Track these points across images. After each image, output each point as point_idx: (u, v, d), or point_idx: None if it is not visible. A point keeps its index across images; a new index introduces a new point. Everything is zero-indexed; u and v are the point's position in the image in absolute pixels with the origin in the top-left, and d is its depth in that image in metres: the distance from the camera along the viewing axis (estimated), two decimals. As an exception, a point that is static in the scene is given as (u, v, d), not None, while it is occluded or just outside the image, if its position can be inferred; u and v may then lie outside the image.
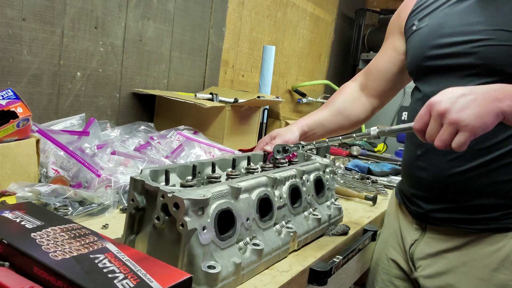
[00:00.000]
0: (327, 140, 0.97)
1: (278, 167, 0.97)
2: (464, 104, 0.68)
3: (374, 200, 1.31)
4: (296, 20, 2.72)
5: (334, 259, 0.90)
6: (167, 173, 0.74)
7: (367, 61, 3.26)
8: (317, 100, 2.93)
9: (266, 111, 2.07)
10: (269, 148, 1.01)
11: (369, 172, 1.72)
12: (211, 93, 1.71)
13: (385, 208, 1.30)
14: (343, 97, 1.20)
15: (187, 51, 1.85)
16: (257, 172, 0.91)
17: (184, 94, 1.75)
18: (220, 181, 0.79)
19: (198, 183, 0.81)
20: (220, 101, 1.68)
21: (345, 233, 1.01)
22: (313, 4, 2.89)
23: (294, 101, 2.88)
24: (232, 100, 1.67)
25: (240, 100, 1.66)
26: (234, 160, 0.89)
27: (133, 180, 0.70)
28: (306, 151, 1.09)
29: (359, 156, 2.17)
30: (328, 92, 3.14)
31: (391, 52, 1.13)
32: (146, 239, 0.70)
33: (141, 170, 0.74)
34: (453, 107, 0.68)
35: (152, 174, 0.74)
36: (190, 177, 0.76)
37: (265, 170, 0.92)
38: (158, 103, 1.71)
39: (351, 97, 1.20)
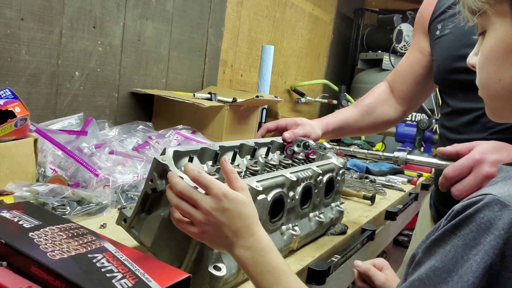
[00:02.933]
0: (352, 150, 0.94)
1: (295, 161, 0.95)
2: None
3: (372, 199, 1.31)
4: (294, 20, 2.72)
5: (333, 259, 0.90)
6: (191, 159, 0.71)
7: (366, 61, 3.26)
8: (316, 99, 2.93)
9: (264, 111, 2.07)
10: (288, 136, 0.97)
11: (368, 171, 1.73)
12: (209, 93, 1.71)
13: (383, 207, 1.31)
14: (373, 97, 1.16)
15: (186, 50, 1.85)
16: (275, 168, 0.88)
17: (183, 93, 1.74)
18: (240, 177, 0.77)
19: (220, 176, 0.80)
20: (219, 101, 1.68)
21: (343, 232, 1.01)
22: (312, 4, 2.89)
23: (293, 101, 2.88)
24: (230, 99, 1.67)
25: (238, 100, 1.66)
26: (254, 150, 0.87)
27: (156, 162, 0.67)
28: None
29: (357, 156, 2.17)
30: (327, 91, 3.15)
31: (417, 53, 1.08)
32: (158, 223, 0.69)
33: (164, 149, 0.70)
34: None
35: (176, 155, 0.71)
36: (211, 164, 0.75)
37: (283, 167, 0.90)
38: (156, 103, 1.71)
39: (382, 97, 1.15)
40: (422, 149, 2.24)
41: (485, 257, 0.43)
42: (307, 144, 0.96)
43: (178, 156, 0.72)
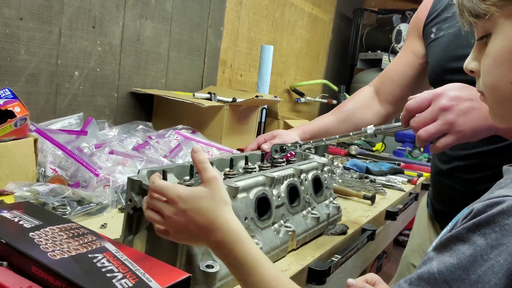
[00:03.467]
0: (324, 139, 0.96)
1: (276, 166, 0.97)
2: (467, 109, 0.67)
3: (372, 199, 1.31)
4: (294, 19, 2.72)
5: (333, 258, 0.90)
6: (164, 173, 0.74)
7: (365, 61, 3.26)
8: (315, 99, 2.93)
9: (264, 111, 2.07)
10: (266, 147, 1.00)
11: (368, 171, 1.72)
12: (209, 93, 1.71)
13: (383, 207, 1.31)
14: (353, 101, 1.16)
15: (185, 50, 1.85)
16: (255, 171, 0.91)
17: (182, 93, 1.74)
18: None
19: (196, 182, 0.81)
20: (219, 101, 1.68)
21: (343, 232, 1.01)
22: (311, 4, 2.89)
23: (292, 101, 2.88)
24: (230, 99, 1.67)
25: (238, 100, 1.66)
26: (232, 160, 0.89)
27: (130, 181, 0.70)
28: (303, 150, 1.09)
29: (357, 156, 2.18)
30: (327, 91, 3.15)
31: (410, 55, 1.09)
32: (145, 239, 0.70)
33: (139, 170, 0.73)
34: (456, 108, 0.67)
35: (149, 174, 0.73)
36: (187, 177, 0.76)
37: (263, 170, 0.92)
38: (156, 103, 1.71)
39: (363, 102, 1.15)
40: (422, 149, 2.24)
41: (509, 258, 0.42)
42: (283, 147, 0.98)
43: (152, 174, 0.74)
